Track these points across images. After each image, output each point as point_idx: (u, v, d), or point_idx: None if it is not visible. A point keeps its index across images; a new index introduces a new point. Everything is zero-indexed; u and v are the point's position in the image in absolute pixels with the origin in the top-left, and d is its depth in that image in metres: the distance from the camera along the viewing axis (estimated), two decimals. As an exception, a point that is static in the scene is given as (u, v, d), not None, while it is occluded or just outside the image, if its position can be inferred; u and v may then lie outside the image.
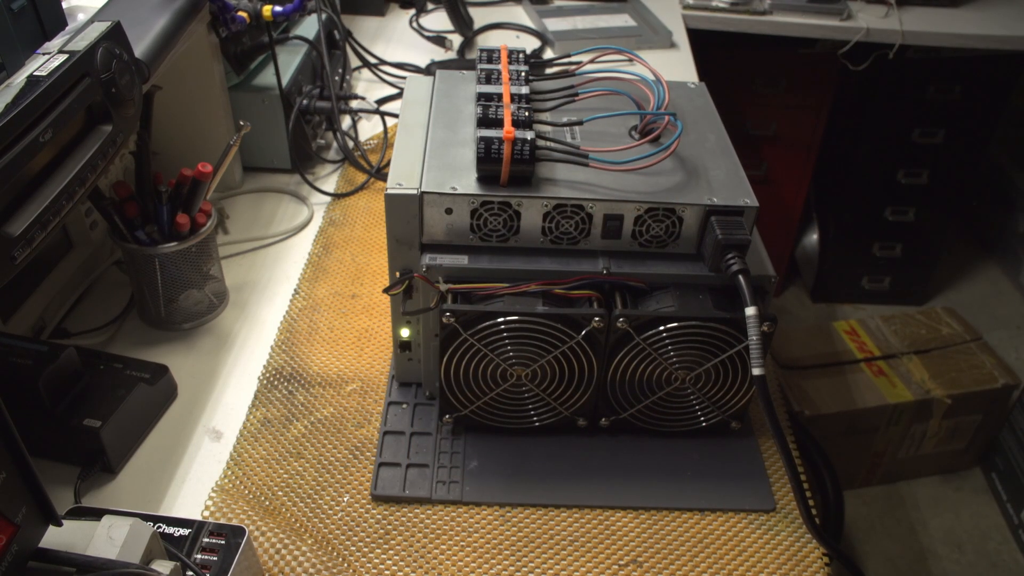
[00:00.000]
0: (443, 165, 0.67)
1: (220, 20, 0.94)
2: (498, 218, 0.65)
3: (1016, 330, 2.24)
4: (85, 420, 0.67)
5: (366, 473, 0.71)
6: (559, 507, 0.69)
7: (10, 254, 0.54)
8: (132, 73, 0.67)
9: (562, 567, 0.65)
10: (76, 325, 0.85)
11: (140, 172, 0.79)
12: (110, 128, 0.65)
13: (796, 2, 1.65)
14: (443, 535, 0.67)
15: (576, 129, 0.71)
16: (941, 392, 1.69)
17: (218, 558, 0.56)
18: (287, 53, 1.12)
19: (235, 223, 1.01)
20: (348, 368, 0.82)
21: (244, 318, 0.88)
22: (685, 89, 0.81)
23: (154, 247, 0.79)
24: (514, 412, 0.72)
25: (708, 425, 0.73)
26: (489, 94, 0.70)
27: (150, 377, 0.73)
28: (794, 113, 1.95)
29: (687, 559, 0.66)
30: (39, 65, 0.58)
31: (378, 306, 0.89)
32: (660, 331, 0.65)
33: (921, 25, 1.64)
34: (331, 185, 1.10)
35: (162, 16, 0.78)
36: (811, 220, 2.24)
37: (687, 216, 0.65)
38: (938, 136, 1.95)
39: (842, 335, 1.82)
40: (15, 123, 0.53)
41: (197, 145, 0.99)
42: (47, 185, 0.58)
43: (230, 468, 0.71)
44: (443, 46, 1.46)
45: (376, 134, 1.20)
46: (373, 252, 0.97)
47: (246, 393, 0.79)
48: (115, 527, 0.49)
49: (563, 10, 1.59)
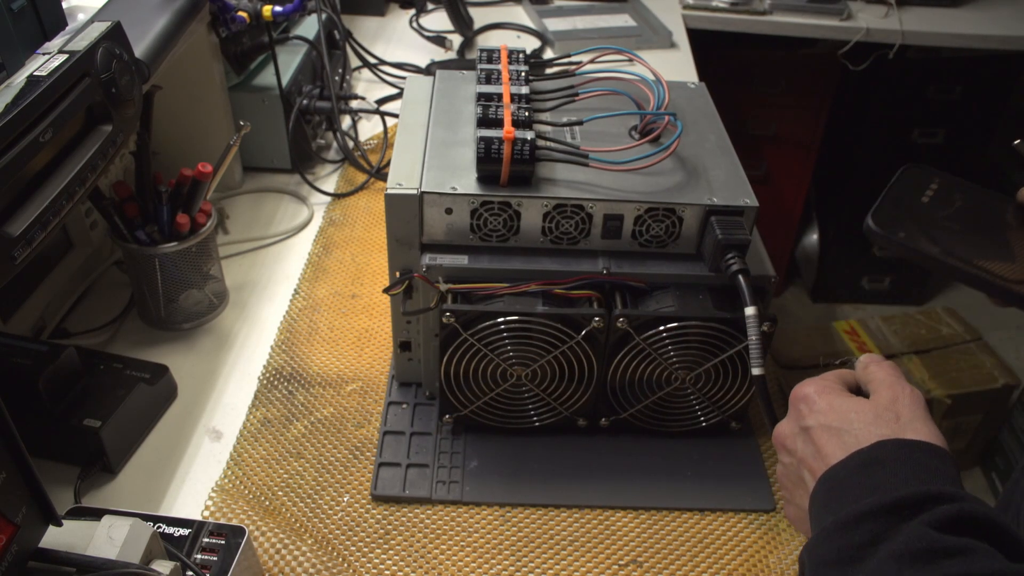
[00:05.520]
0: (443, 165, 0.67)
1: (220, 20, 0.94)
2: (498, 218, 0.65)
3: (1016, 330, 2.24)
4: (85, 420, 0.67)
5: (366, 473, 0.71)
6: (559, 507, 0.69)
7: (10, 254, 0.54)
8: (132, 73, 0.67)
9: (562, 567, 0.65)
10: (76, 325, 0.85)
11: (140, 172, 0.79)
12: (110, 128, 0.65)
13: (796, 2, 1.65)
14: (443, 535, 0.67)
15: (576, 129, 0.71)
16: (941, 392, 1.69)
17: (218, 558, 0.56)
18: (287, 53, 1.12)
19: (235, 223, 1.01)
20: (348, 368, 0.82)
21: (244, 318, 0.88)
22: (685, 89, 0.81)
23: (154, 247, 0.79)
24: (514, 412, 0.72)
25: (708, 425, 0.73)
26: (489, 94, 0.70)
27: (150, 377, 0.73)
28: (794, 113, 1.95)
29: (687, 559, 0.66)
30: (39, 65, 0.58)
31: (378, 306, 0.89)
32: (660, 331, 0.65)
33: (921, 25, 1.64)
34: (331, 185, 1.10)
35: (162, 16, 0.78)
36: (811, 220, 2.24)
37: (687, 216, 0.65)
38: (938, 136, 1.95)
39: (842, 335, 1.82)
40: (15, 123, 0.53)
41: (197, 145, 0.99)
42: (47, 185, 0.58)
43: (230, 468, 0.71)
44: (443, 46, 1.46)
45: (376, 134, 1.20)
46: (373, 252, 0.97)
47: (246, 393, 0.79)
48: (115, 527, 0.49)
49: (563, 10, 1.59)
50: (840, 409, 0.48)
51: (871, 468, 0.44)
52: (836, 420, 0.48)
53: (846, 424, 0.47)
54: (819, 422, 0.48)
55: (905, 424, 0.46)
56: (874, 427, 0.46)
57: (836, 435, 0.47)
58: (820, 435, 0.48)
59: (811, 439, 0.48)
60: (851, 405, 0.48)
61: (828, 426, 0.48)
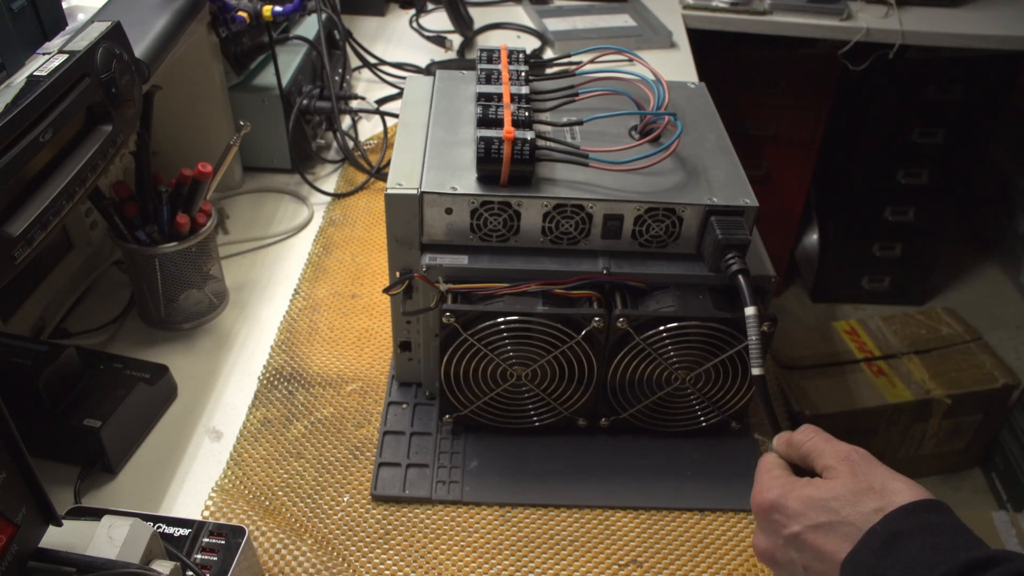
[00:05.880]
0: (443, 165, 0.67)
1: (220, 20, 0.94)
2: (498, 218, 0.65)
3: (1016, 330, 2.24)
4: (85, 420, 0.67)
5: (366, 473, 0.71)
6: (559, 507, 0.69)
7: (10, 254, 0.54)
8: (132, 73, 0.67)
9: (562, 567, 0.65)
10: (76, 325, 0.85)
11: (140, 172, 0.79)
12: (110, 128, 0.65)
13: (796, 2, 1.65)
14: (443, 535, 0.67)
15: (576, 129, 0.71)
16: (941, 392, 1.69)
17: (218, 558, 0.56)
18: (287, 53, 1.12)
19: (235, 223, 1.01)
20: (348, 368, 0.82)
21: (244, 318, 0.88)
22: (685, 89, 0.80)
23: (154, 247, 0.79)
24: (514, 412, 0.72)
25: (708, 425, 0.73)
26: (489, 94, 0.70)
27: (150, 377, 0.73)
28: (794, 113, 1.95)
29: (687, 559, 0.66)
30: (39, 65, 0.58)
31: (378, 306, 0.89)
32: (660, 331, 0.65)
33: (921, 25, 1.64)
34: (331, 185, 1.09)
35: (162, 16, 0.78)
36: (811, 220, 2.24)
37: (687, 216, 0.65)
38: (938, 136, 1.95)
39: (842, 335, 1.82)
40: (15, 123, 0.53)
41: (197, 145, 0.99)
42: (47, 185, 0.58)
43: (230, 468, 0.71)
44: (443, 46, 1.46)
45: (376, 134, 1.20)
46: (373, 252, 0.97)
47: (246, 393, 0.79)
48: (115, 527, 0.49)
49: (563, 10, 1.59)
50: (816, 503, 0.47)
51: (893, 545, 0.43)
52: (821, 516, 0.47)
53: (833, 516, 0.46)
54: (805, 525, 0.47)
55: (883, 488, 0.46)
56: (862, 506, 0.46)
57: (831, 530, 0.46)
58: (814, 537, 0.46)
59: (805, 544, 0.47)
60: (823, 493, 0.47)
61: (817, 525, 0.47)
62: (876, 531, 0.44)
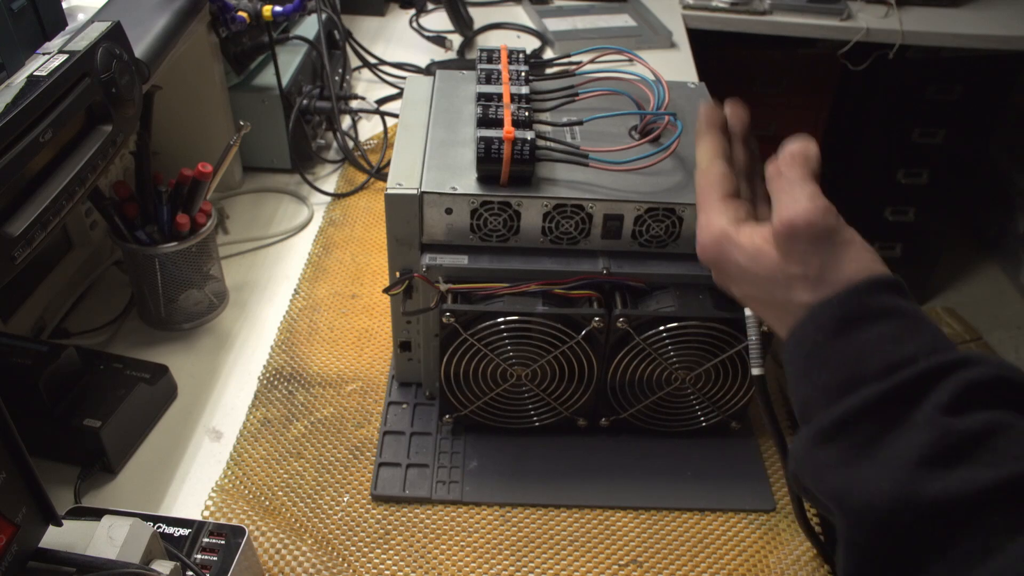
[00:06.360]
0: (443, 165, 0.67)
1: (220, 20, 0.94)
2: (498, 218, 0.65)
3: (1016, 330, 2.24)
4: (85, 420, 0.67)
5: (366, 473, 0.71)
6: (559, 507, 0.69)
7: (10, 254, 0.54)
8: (132, 73, 0.67)
9: (562, 567, 0.65)
10: (76, 325, 0.85)
11: (140, 172, 0.79)
12: (110, 128, 0.65)
13: (796, 2, 1.65)
14: (443, 535, 0.67)
15: (576, 129, 0.71)
16: (941, 392, 1.69)
17: (218, 558, 0.56)
18: (287, 53, 1.12)
19: (235, 223, 1.01)
20: (348, 368, 0.82)
21: (244, 318, 0.88)
22: (685, 89, 0.80)
23: (154, 247, 0.79)
24: (514, 412, 0.72)
25: (708, 425, 0.73)
26: (489, 94, 0.70)
27: (150, 377, 0.73)
28: (794, 113, 1.95)
29: (687, 559, 0.66)
30: (39, 65, 0.58)
31: (378, 306, 0.89)
32: (660, 331, 0.65)
33: (921, 25, 1.64)
34: (331, 185, 1.09)
35: (162, 16, 0.78)
36: (811, 220, 2.24)
37: (687, 216, 0.65)
38: (938, 136, 1.95)
39: (842, 335, 1.82)
40: (15, 123, 0.53)
41: (197, 145, 0.99)
42: (47, 185, 0.58)
43: (230, 468, 0.71)
44: (443, 46, 1.46)
45: (376, 134, 1.20)
46: (373, 252, 0.97)
47: (246, 393, 0.79)
48: (115, 527, 0.49)
49: (563, 10, 1.59)
50: (748, 275, 0.45)
51: (844, 332, 0.40)
52: (753, 291, 0.45)
53: (766, 295, 0.45)
54: (744, 293, 0.46)
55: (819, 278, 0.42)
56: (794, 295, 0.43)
57: (767, 307, 0.44)
58: (753, 304, 0.46)
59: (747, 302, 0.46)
60: (755, 267, 0.44)
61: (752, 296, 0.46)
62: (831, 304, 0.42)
